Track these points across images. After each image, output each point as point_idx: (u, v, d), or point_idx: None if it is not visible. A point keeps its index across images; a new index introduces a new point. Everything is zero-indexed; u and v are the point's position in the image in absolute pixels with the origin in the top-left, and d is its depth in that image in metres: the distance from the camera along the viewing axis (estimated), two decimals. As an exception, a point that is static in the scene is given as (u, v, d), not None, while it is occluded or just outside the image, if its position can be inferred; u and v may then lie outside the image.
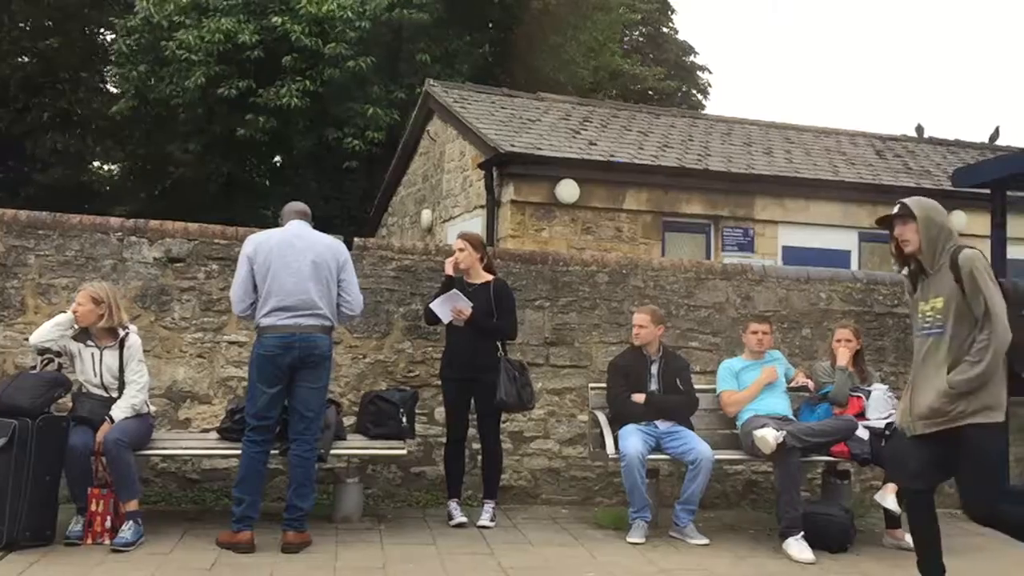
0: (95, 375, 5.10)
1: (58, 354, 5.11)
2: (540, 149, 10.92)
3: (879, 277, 7.61)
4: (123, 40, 17.51)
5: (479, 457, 6.04)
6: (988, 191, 7.14)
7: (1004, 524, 4.12)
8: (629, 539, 5.45)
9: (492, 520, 5.74)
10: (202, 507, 5.88)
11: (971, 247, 4.18)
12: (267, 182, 19.32)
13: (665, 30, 30.26)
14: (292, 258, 4.95)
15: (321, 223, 5.80)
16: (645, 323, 5.86)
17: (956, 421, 3.97)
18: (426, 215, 13.59)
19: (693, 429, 5.82)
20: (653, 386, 5.79)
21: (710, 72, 34.53)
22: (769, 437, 5.42)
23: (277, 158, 19.59)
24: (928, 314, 4.20)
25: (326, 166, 17.67)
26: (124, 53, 17.49)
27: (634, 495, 5.51)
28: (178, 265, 6.19)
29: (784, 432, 5.47)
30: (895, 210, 4.24)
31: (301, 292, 4.93)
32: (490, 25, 19.62)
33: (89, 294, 5.09)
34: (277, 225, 5.35)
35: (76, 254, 6.06)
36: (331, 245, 5.14)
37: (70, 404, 5.19)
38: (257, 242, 5.03)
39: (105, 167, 24.00)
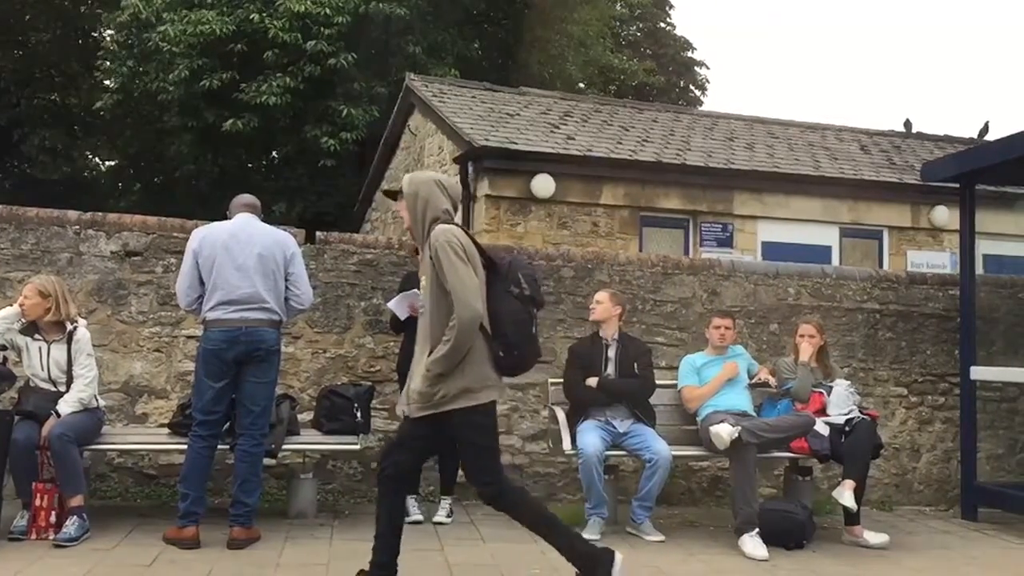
0: (43, 369, 5.04)
1: (3, 347, 5.06)
2: (515, 143, 10.81)
3: (848, 272, 7.57)
4: (112, 35, 17.45)
5: (439, 453, 5.98)
6: (957, 185, 7.09)
7: (509, 507, 4.07)
8: (584, 536, 5.38)
9: (449, 516, 5.70)
10: (156, 503, 5.83)
11: (451, 223, 3.98)
12: (259, 177, 19.24)
13: (663, 25, 30.21)
14: (237, 251, 4.89)
15: (316, 220, 5.74)
16: (603, 299, 5.82)
17: (440, 407, 3.87)
18: (407, 210, 13.48)
19: (654, 426, 5.76)
20: (609, 370, 5.72)
21: (707, 68, 34.50)
22: (723, 433, 5.37)
23: (274, 153, 19.51)
24: (420, 293, 4.13)
25: (318, 162, 17.58)
26: (112, 50, 17.40)
27: (591, 492, 5.46)
28: (135, 259, 6.14)
29: (740, 428, 5.42)
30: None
31: (247, 286, 4.87)
32: (476, 16, 19.47)
33: (36, 287, 5.04)
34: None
35: (32, 247, 6.01)
36: (279, 238, 5.07)
37: (16, 398, 5.14)
38: (202, 235, 4.96)
39: (103, 163, 23.94)
